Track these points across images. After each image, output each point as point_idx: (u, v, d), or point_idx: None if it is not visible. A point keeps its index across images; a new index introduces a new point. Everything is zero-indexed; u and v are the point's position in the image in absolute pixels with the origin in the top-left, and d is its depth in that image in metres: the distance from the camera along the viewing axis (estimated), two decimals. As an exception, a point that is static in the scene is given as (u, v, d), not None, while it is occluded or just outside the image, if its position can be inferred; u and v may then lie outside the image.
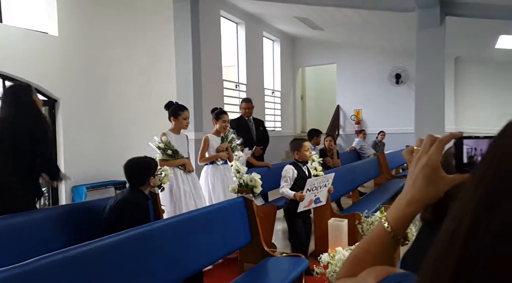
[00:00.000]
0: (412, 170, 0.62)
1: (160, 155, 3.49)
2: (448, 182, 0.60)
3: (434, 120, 4.95)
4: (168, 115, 3.79)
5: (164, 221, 2.11)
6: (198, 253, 2.14)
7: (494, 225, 0.32)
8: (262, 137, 5.35)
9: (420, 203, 0.61)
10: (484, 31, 6.03)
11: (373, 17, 6.25)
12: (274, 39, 9.63)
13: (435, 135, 0.61)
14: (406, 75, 9.11)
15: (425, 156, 0.60)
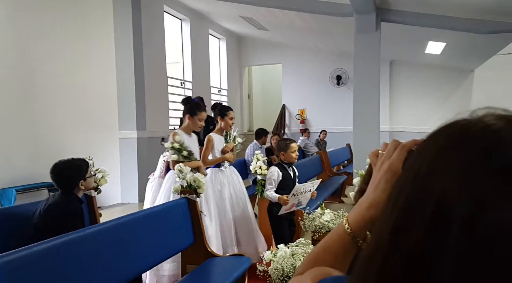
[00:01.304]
0: (375, 174, 0.63)
1: (174, 156, 3.14)
2: None
3: (370, 120, 5.23)
4: (183, 112, 3.41)
5: (99, 226, 2.01)
6: (137, 258, 2.07)
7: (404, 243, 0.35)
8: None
9: (381, 206, 0.60)
10: (416, 37, 6.51)
11: (314, 20, 6.47)
12: (220, 37, 9.59)
13: (399, 140, 0.61)
14: (346, 77, 9.56)
15: (388, 161, 0.60)
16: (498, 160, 0.33)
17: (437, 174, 0.36)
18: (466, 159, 0.35)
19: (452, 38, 5.99)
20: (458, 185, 0.34)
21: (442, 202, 0.34)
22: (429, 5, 4.95)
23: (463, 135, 0.37)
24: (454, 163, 0.35)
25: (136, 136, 6.21)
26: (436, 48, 7.05)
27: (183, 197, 2.70)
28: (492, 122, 0.36)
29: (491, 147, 0.34)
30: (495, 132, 0.35)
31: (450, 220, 0.33)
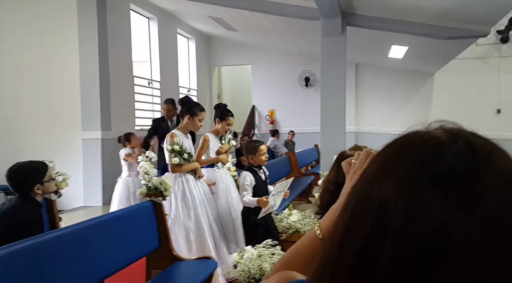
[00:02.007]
0: (347, 183, 0.63)
1: (176, 159, 3.02)
2: None
3: (337, 121, 5.35)
4: (181, 112, 3.30)
5: (59, 231, 1.93)
6: (99, 264, 2.01)
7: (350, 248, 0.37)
8: None
9: None
10: (380, 41, 6.73)
11: (282, 22, 6.54)
12: (189, 37, 9.49)
13: (371, 150, 0.61)
14: (314, 79, 9.73)
15: (359, 170, 0.60)
16: (433, 171, 0.34)
17: (378, 184, 0.37)
18: (404, 169, 0.36)
19: (414, 42, 6.25)
20: (394, 195, 0.35)
21: (380, 211, 0.35)
22: (392, 10, 5.13)
23: (405, 147, 0.38)
24: (394, 173, 0.36)
25: (100, 137, 6.02)
26: (398, 52, 7.32)
27: (149, 200, 2.65)
28: (437, 135, 0.37)
29: (429, 158, 0.35)
30: (436, 145, 0.36)
31: (386, 229, 0.34)
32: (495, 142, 0.38)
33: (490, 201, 0.33)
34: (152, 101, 7.77)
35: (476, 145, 0.35)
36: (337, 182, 1.34)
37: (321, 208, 1.39)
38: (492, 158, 0.35)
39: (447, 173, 0.34)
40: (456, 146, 0.35)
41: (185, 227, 3.02)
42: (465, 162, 0.34)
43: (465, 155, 0.34)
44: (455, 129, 0.38)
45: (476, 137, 0.37)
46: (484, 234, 0.32)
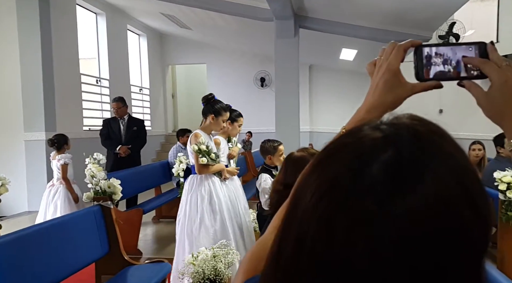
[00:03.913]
0: (373, 80, 0.60)
1: (204, 159, 2.82)
2: (408, 89, 0.58)
3: (291, 121, 5.46)
4: (204, 111, 3.06)
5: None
6: (42, 272, 1.89)
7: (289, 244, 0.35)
8: (135, 138, 5.07)
9: (380, 109, 0.58)
10: (331, 43, 6.95)
11: (236, 22, 6.55)
12: (140, 34, 9.20)
13: (396, 42, 0.59)
14: (270, 79, 9.84)
15: (386, 62, 0.59)
16: (360, 181, 0.32)
17: (304, 192, 0.35)
18: (327, 177, 0.34)
19: (362, 46, 6.52)
20: (312, 208, 0.33)
21: (301, 222, 0.34)
22: (341, 14, 5.32)
23: (336, 152, 0.36)
24: (320, 179, 0.34)
25: (44, 138, 5.66)
26: (349, 55, 7.60)
27: (97, 204, 2.53)
28: (371, 138, 0.35)
29: (357, 167, 0.33)
30: (365, 153, 0.33)
31: (303, 245, 0.33)
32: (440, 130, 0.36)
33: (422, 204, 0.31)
34: (101, 100, 7.45)
35: (415, 151, 0.33)
36: (285, 182, 1.37)
37: (271, 208, 1.41)
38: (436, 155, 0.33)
39: (374, 182, 0.32)
40: (386, 154, 0.33)
41: (211, 232, 2.88)
42: (394, 170, 0.32)
43: (394, 164, 0.32)
44: (394, 131, 0.35)
45: (418, 136, 0.34)
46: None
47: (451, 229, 0.31)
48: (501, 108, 0.54)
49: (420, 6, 4.63)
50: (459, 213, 0.32)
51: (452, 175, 0.33)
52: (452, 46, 0.58)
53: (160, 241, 4.50)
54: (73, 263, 2.13)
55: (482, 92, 0.55)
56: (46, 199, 4.21)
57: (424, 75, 0.58)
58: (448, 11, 4.82)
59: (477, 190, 0.34)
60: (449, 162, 0.33)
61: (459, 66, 0.57)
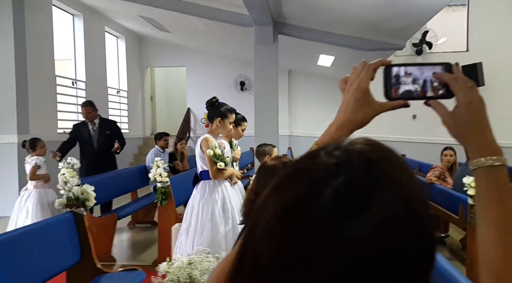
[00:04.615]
0: (345, 97, 0.62)
1: (222, 163, 2.74)
2: (377, 108, 0.60)
3: (270, 124, 5.49)
4: (210, 115, 2.99)
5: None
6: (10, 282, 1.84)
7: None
8: (110, 141, 4.88)
9: (350, 126, 0.61)
10: (309, 50, 7.04)
11: (217, 27, 6.56)
12: (119, 36, 9.07)
13: (367, 61, 0.61)
14: (249, 83, 9.87)
15: (356, 81, 0.61)
16: (315, 204, 0.33)
17: (263, 213, 0.36)
18: (283, 201, 0.35)
19: (339, 52, 6.64)
20: (269, 231, 0.35)
21: (258, 242, 0.36)
22: (319, 22, 5.41)
23: (292, 177, 0.37)
24: (274, 205, 0.36)
25: (16, 141, 5.49)
26: (326, 61, 7.72)
27: (69, 211, 2.48)
28: (325, 165, 0.36)
29: (312, 192, 0.34)
30: (320, 179, 0.35)
31: (261, 263, 0.35)
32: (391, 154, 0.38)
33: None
34: (76, 102, 7.28)
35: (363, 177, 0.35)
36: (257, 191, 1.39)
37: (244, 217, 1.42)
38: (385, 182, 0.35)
39: (325, 207, 0.33)
40: (337, 180, 0.34)
41: (222, 236, 2.82)
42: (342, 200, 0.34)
43: (343, 193, 0.34)
44: (346, 157, 0.36)
45: (370, 161, 0.36)
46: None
47: (397, 253, 0.33)
48: (465, 129, 0.56)
49: (394, 16, 4.76)
50: (405, 237, 0.33)
51: (398, 201, 0.34)
52: (419, 66, 0.60)
53: (136, 247, 4.43)
54: (43, 272, 2.08)
55: (447, 112, 0.57)
56: (19, 204, 4.10)
57: (392, 94, 0.60)
58: (421, 20, 4.98)
59: (423, 215, 0.36)
60: (397, 188, 0.35)
61: (426, 86, 0.59)
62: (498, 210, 0.51)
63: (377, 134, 7.75)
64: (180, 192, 4.16)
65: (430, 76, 0.59)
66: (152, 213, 5.05)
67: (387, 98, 0.61)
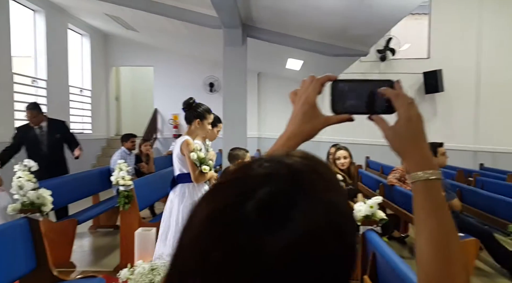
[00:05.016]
0: (294, 108, 0.66)
1: (206, 167, 2.68)
2: (323, 121, 0.64)
3: (239, 126, 5.50)
4: (188, 117, 2.88)
5: None
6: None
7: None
8: (58, 144, 4.58)
9: (299, 137, 0.64)
10: (278, 53, 7.11)
11: (185, 27, 6.48)
12: (83, 33, 8.76)
13: (314, 75, 0.64)
14: (219, 85, 9.83)
15: (305, 94, 0.64)
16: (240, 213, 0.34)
17: (192, 220, 0.37)
18: (210, 210, 0.36)
19: (307, 57, 6.75)
20: (195, 239, 0.36)
21: (186, 249, 0.37)
22: (287, 26, 5.48)
23: (226, 186, 0.38)
24: (202, 213, 0.37)
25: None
26: (295, 65, 7.83)
27: (24, 217, 2.36)
28: (257, 176, 0.37)
29: (235, 202, 0.35)
30: (248, 190, 0.35)
31: (187, 270, 0.35)
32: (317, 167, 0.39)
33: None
34: (36, 101, 6.96)
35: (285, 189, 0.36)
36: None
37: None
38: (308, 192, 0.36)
39: (248, 218, 0.34)
40: (262, 191, 0.35)
41: None
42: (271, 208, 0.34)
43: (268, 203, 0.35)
44: (275, 169, 0.37)
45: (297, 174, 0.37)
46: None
47: (318, 264, 0.34)
48: (404, 143, 0.59)
49: (359, 23, 4.91)
50: (326, 249, 0.35)
51: (321, 212, 0.35)
52: (364, 82, 0.63)
53: (97, 252, 4.29)
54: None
55: (389, 127, 0.61)
56: None
57: (338, 109, 0.63)
58: (384, 28, 5.16)
59: (345, 227, 0.37)
60: (320, 200, 0.36)
61: (370, 102, 0.62)
62: (432, 221, 0.54)
63: (343, 137, 8.00)
64: (144, 195, 4.07)
65: (374, 92, 0.62)
66: (114, 217, 4.90)
67: (333, 112, 0.63)
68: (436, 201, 0.55)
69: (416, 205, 0.57)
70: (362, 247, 2.34)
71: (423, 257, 0.54)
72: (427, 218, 0.55)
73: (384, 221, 2.51)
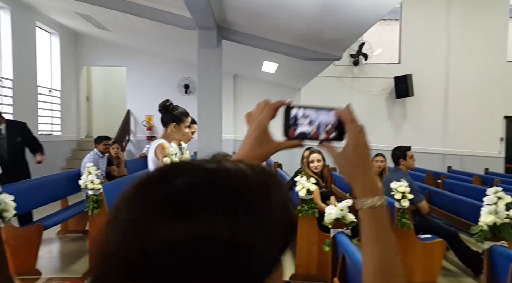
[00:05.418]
0: (248, 129, 0.66)
1: None
2: (274, 146, 0.65)
3: (214, 129, 5.45)
4: (164, 120, 2.75)
5: None
6: None
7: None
8: (19, 147, 4.37)
9: (251, 160, 0.61)
10: (254, 56, 7.12)
11: (158, 28, 6.39)
12: (52, 32, 8.48)
13: (269, 100, 0.65)
14: (194, 86, 9.75)
15: (258, 119, 0.65)
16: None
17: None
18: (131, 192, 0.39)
19: (283, 60, 6.80)
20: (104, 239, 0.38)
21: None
22: (262, 30, 5.50)
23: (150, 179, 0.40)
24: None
25: None
26: (270, 68, 7.87)
27: (-17, 223, 2.25)
28: (171, 172, 0.39)
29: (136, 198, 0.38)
30: (164, 181, 0.38)
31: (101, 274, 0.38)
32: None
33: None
34: (1, 101, 6.68)
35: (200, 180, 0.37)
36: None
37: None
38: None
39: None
40: (180, 180, 0.37)
41: None
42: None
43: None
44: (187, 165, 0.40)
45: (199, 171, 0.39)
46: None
47: (202, 265, 0.34)
48: (352, 169, 0.61)
49: (331, 27, 4.99)
50: (214, 253, 0.34)
51: (215, 214, 0.35)
52: (316, 109, 0.64)
53: (66, 258, 4.14)
54: None
55: (338, 153, 0.62)
56: None
57: (289, 134, 0.64)
58: (356, 33, 5.26)
59: (243, 231, 0.36)
60: (219, 202, 0.36)
61: (320, 129, 0.63)
62: (376, 246, 0.57)
63: (316, 141, 8.01)
64: (114, 199, 3.96)
65: (324, 119, 0.63)
66: (84, 221, 4.75)
67: (285, 137, 0.64)
68: (381, 227, 0.58)
69: (363, 230, 0.59)
70: (333, 249, 2.36)
71: (367, 281, 0.57)
72: (371, 244, 0.57)
73: (354, 223, 2.55)
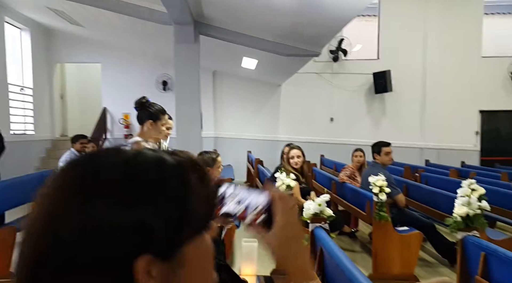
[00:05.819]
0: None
1: None
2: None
3: (193, 126, 5.38)
4: (140, 117, 2.66)
5: None
6: None
7: None
8: None
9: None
10: (233, 52, 7.05)
11: (134, 23, 6.23)
12: (22, 28, 8.16)
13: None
14: (172, 83, 9.58)
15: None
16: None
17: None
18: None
19: (262, 56, 6.76)
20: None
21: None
22: (241, 25, 5.44)
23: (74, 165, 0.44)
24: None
25: None
26: (250, 64, 7.81)
27: None
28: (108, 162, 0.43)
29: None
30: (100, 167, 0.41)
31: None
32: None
33: None
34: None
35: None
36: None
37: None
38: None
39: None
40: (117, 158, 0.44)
41: None
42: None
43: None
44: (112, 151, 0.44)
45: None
46: None
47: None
48: (285, 251, 0.57)
49: (309, 23, 4.98)
50: (121, 236, 0.38)
51: (123, 198, 0.39)
52: (248, 189, 0.60)
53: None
54: None
55: (268, 234, 0.58)
56: None
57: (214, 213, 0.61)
58: (335, 28, 5.27)
59: (149, 213, 0.40)
60: (127, 184, 0.40)
61: (248, 210, 0.59)
62: None
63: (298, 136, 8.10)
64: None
65: (255, 201, 0.59)
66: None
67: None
68: None
69: None
70: (311, 243, 2.35)
71: None
72: None
73: (332, 218, 2.54)
